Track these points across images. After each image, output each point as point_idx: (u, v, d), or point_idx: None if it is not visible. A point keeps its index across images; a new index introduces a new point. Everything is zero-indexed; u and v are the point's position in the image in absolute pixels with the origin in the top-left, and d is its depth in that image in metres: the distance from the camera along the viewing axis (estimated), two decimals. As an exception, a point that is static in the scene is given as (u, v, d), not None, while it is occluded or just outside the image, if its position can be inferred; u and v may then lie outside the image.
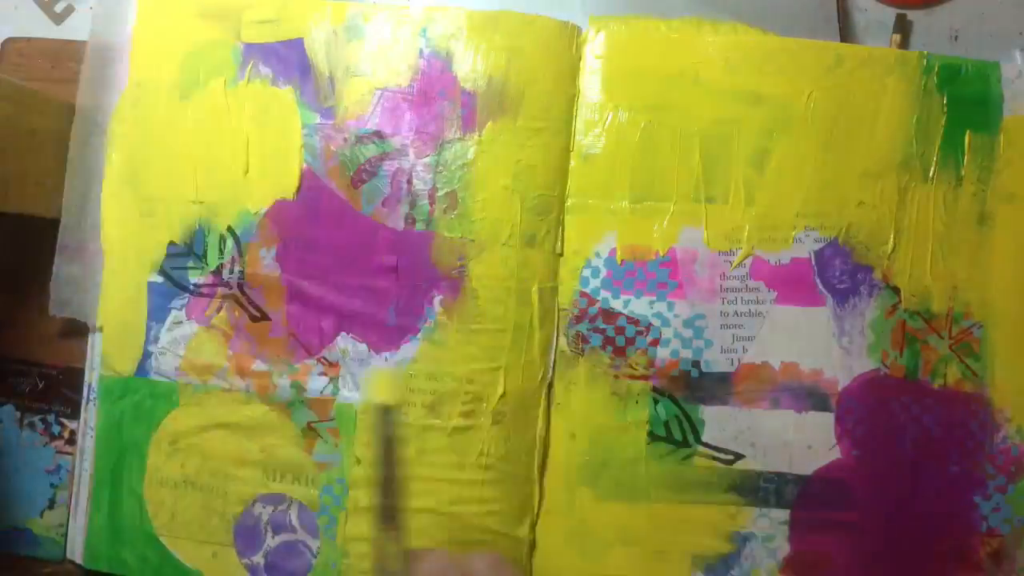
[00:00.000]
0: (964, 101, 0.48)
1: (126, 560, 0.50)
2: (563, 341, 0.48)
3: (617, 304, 0.48)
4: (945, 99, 0.48)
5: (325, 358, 0.49)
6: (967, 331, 0.47)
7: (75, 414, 0.52)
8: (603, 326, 0.48)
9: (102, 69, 0.51)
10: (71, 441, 0.52)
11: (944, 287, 0.47)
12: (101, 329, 0.51)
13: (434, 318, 0.48)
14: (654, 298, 0.48)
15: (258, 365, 0.49)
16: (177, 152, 0.50)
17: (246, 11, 0.50)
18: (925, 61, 0.48)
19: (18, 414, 0.52)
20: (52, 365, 0.52)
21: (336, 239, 0.49)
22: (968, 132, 0.48)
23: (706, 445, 0.47)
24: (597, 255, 0.48)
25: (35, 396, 0.52)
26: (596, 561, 0.48)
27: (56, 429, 0.52)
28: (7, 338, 0.52)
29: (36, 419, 0.52)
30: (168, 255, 0.50)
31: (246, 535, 0.49)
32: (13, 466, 0.52)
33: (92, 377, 0.51)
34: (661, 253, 0.48)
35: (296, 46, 0.50)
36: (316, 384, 0.49)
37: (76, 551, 0.51)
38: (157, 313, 0.50)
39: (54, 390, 0.52)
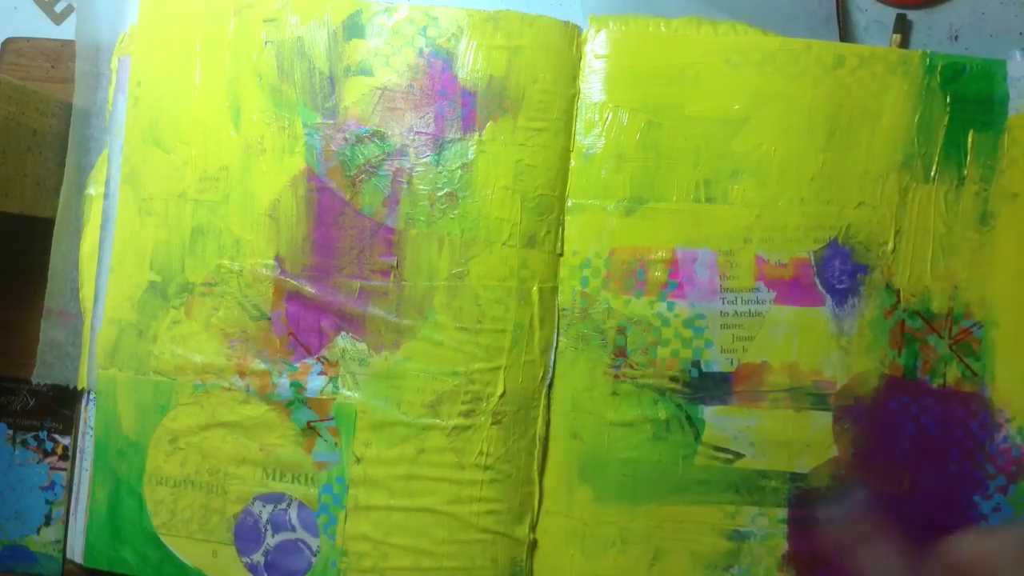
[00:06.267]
0: (967, 100, 0.48)
1: (126, 559, 0.50)
2: (563, 341, 0.48)
3: (617, 304, 0.48)
4: (948, 98, 0.48)
5: (325, 358, 0.49)
6: (967, 331, 0.47)
7: (67, 430, 0.52)
8: (603, 326, 0.48)
9: (93, 69, 0.51)
10: (64, 457, 0.52)
11: (944, 287, 0.47)
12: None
13: (434, 318, 0.48)
14: (654, 298, 0.48)
15: (258, 364, 0.49)
16: (177, 151, 0.50)
17: (246, 11, 0.50)
18: (928, 60, 0.48)
19: (10, 432, 0.52)
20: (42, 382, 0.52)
21: (336, 239, 0.49)
22: (971, 131, 0.47)
23: (706, 445, 0.47)
24: (597, 255, 0.48)
25: (26, 414, 0.52)
26: (596, 561, 0.48)
27: (49, 446, 0.52)
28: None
29: (28, 437, 0.52)
30: (168, 254, 0.50)
31: (246, 534, 0.49)
32: (7, 484, 0.52)
33: (88, 380, 0.51)
34: (661, 253, 0.48)
35: (296, 45, 0.49)
36: (316, 384, 0.49)
37: (76, 551, 0.51)
38: (157, 312, 0.50)
39: (45, 407, 0.52)
